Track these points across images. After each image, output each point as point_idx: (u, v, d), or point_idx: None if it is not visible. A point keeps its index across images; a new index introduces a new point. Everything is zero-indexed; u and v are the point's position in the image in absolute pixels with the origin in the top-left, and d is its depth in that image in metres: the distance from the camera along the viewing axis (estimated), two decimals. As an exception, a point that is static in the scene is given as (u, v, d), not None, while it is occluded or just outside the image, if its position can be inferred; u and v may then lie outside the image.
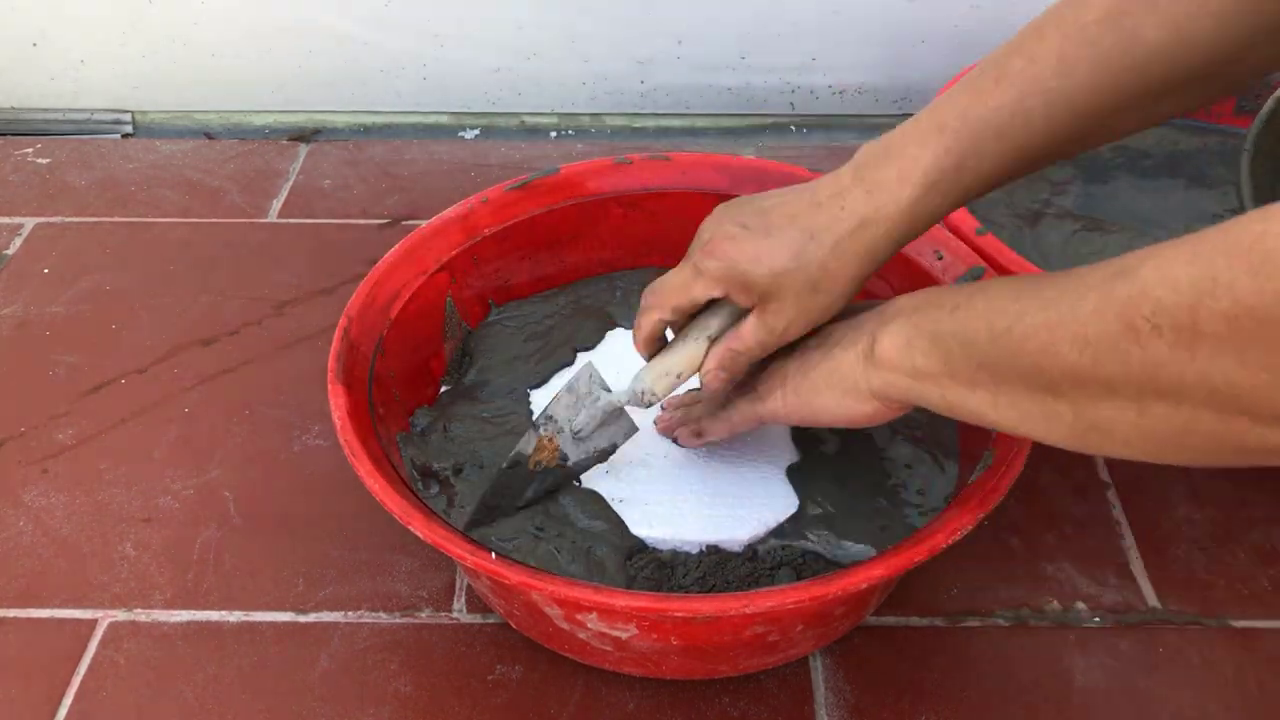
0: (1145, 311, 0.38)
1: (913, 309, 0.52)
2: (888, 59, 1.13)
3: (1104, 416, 0.42)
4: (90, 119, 1.16)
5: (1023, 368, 0.45)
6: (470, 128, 1.17)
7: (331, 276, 0.94)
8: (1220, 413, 0.38)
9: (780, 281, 0.56)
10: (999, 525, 0.73)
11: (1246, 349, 0.36)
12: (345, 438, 0.60)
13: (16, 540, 0.72)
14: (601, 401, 0.62)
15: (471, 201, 0.78)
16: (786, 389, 0.58)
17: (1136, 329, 0.39)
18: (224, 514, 0.74)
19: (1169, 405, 0.39)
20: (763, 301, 0.57)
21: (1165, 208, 0.93)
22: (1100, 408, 0.42)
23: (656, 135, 1.17)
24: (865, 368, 0.54)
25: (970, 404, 0.49)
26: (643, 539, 0.63)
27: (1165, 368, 0.38)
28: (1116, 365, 0.40)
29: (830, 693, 0.64)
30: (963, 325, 0.48)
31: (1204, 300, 0.36)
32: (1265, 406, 0.36)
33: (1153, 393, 0.39)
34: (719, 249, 0.57)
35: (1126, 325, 0.39)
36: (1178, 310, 0.37)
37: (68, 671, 0.65)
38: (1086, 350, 0.41)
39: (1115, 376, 0.40)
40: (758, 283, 0.56)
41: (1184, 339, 0.37)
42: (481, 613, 0.68)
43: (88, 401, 0.82)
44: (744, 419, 0.62)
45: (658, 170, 0.82)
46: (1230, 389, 0.37)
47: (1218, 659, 0.66)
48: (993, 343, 0.46)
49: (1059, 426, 0.45)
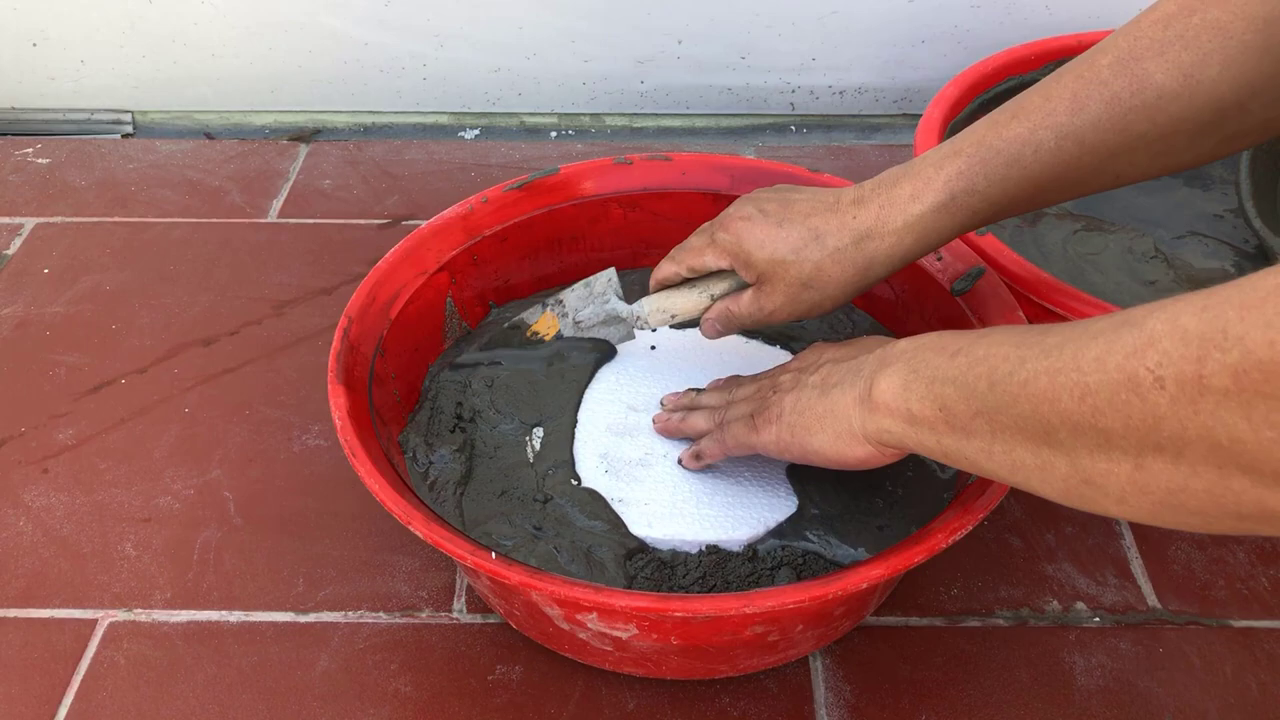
0: (1150, 362, 0.37)
1: (913, 353, 0.52)
2: (888, 59, 1.13)
3: (1099, 470, 0.41)
4: (90, 119, 1.16)
5: (1020, 415, 0.44)
6: (470, 128, 1.17)
7: (331, 276, 0.94)
8: (1220, 470, 0.37)
9: (775, 269, 0.62)
10: (999, 525, 0.73)
11: (1253, 404, 0.34)
12: (345, 438, 0.60)
13: (16, 540, 0.72)
14: (610, 304, 0.69)
15: (471, 201, 0.78)
16: (781, 425, 0.58)
17: (1138, 380, 0.38)
18: (224, 514, 0.74)
19: (1167, 461, 0.38)
20: (759, 282, 0.64)
21: (1165, 208, 0.93)
22: (1096, 460, 0.41)
23: (656, 135, 1.17)
24: (861, 411, 0.54)
25: (966, 452, 0.48)
26: (643, 539, 0.63)
27: (1166, 421, 0.37)
28: (1116, 416, 0.39)
29: (830, 693, 0.64)
30: (963, 371, 0.47)
31: (1212, 352, 0.35)
32: (1268, 465, 0.35)
33: (1152, 447, 0.38)
34: (733, 226, 0.64)
35: (1128, 376, 0.38)
36: (1184, 362, 0.36)
37: (68, 671, 0.65)
38: (1086, 400, 0.40)
39: (1114, 428, 0.39)
40: (757, 264, 0.63)
41: (1188, 392, 0.36)
42: (481, 613, 0.68)
43: (88, 401, 0.82)
44: (738, 445, 0.62)
45: (658, 170, 0.82)
46: (1233, 445, 0.36)
47: (1218, 659, 0.66)
48: (992, 389, 0.45)
49: (1053, 479, 0.44)
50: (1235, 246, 0.88)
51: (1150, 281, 0.84)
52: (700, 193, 0.81)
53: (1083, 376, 0.40)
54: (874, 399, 0.52)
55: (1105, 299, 0.71)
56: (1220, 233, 0.90)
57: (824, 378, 0.58)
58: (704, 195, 0.81)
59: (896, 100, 1.16)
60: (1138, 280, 0.84)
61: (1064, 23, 1.09)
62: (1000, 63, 0.93)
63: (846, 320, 0.80)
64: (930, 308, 0.75)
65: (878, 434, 0.53)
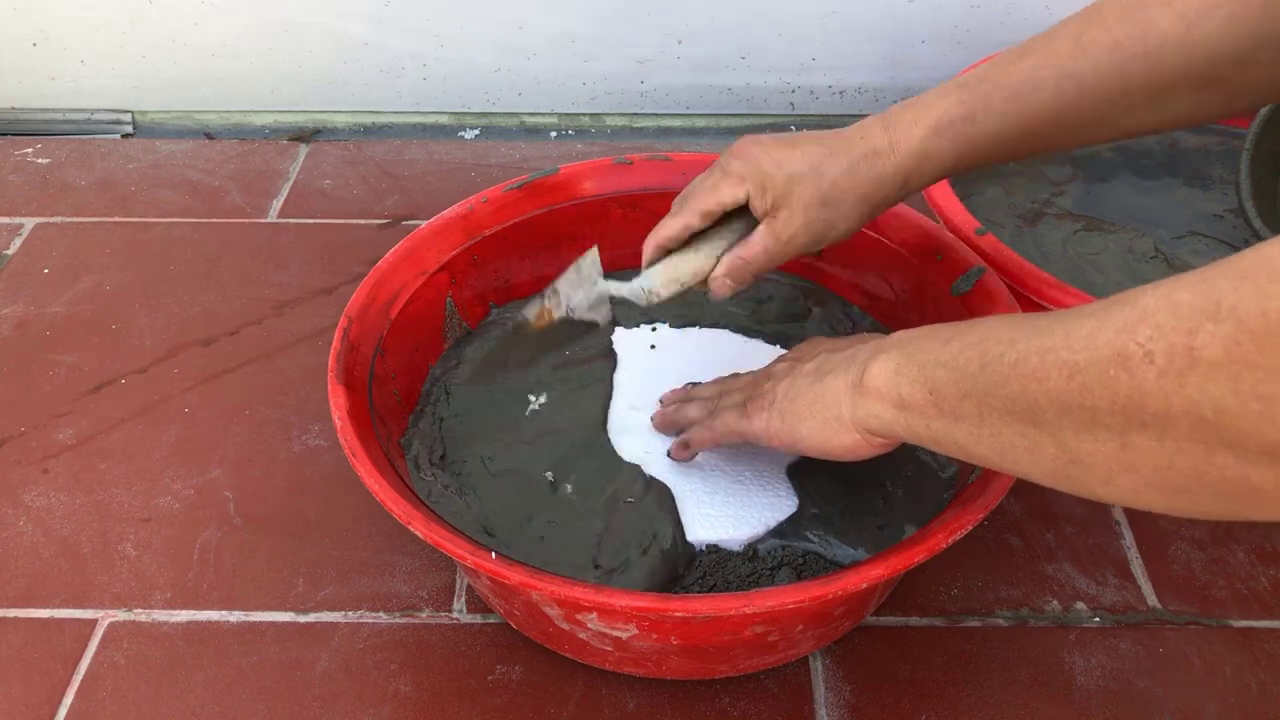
0: (1140, 337, 0.37)
1: (908, 340, 0.52)
2: (888, 59, 1.13)
3: (1085, 449, 0.41)
4: (90, 119, 1.16)
5: (1009, 396, 0.43)
6: (470, 128, 1.17)
7: (331, 276, 0.94)
8: (1205, 446, 0.36)
9: (793, 187, 0.61)
10: (999, 525, 0.73)
11: (1241, 374, 0.34)
12: (345, 438, 0.60)
13: (16, 540, 0.72)
14: (599, 286, 0.67)
15: (471, 201, 0.78)
16: (773, 412, 0.58)
17: (1128, 355, 0.38)
18: (224, 514, 0.74)
19: (1152, 437, 0.38)
20: (774, 209, 0.62)
21: (1165, 207, 0.93)
22: (1082, 440, 0.41)
23: (656, 135, 1.17)
24: (851, 397, 0.54)
25: (955, 435, 0.48)
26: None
27: (1151, 396, 0.37)
28: (1103, 393, 0.39)
29: (830, 693, 0.64)
30: (955, 355, 0.47)
31: (1204, 324, 0.35)
32: (1253, 439, 0.35)
33: (1137, 424, 0.38)
34: (746, 151, 0.63)
35: (1117, 351, 0.38)
36: (1175, 334, 0.36)
37: (68, 671, 0.65)
38: (1075, 378, 0.40)
39: (1101, 405, 0.39)
40: (776, 183, 0.62)
41: (1176, 365, 0.36)
42: (481, 613, 0.68)
43: (88, 401, 0.82)
44: (728, 432, 0.62)
45: (658, 170, 0.82)
46: (1219, 418, 0.36)
47: (1218, 659, 0.66)
48: (982, 371, 0.45)
49: (1041, 460, 0.43)
50: (1235, 246, 0.88)
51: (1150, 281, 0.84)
52: (700, 193, 0.81)
53: (1072, 354, 0.40)
54: (865, 384, 0.52)
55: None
56: (1220, 233, 0.90)
57: (818, 366, 0.57)
58: (704, 195, 0.81)
59: (896, 100, 1.15)
60: (1138, 280, 0.84)
61: (1064, 23, 1.09)
62: (1000, 63, 0.93)
63: (845, 319, 0.80)
64: (930, 308, 0.75)
65: (865, 420, 0.53)
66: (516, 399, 0.73)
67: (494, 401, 0.73)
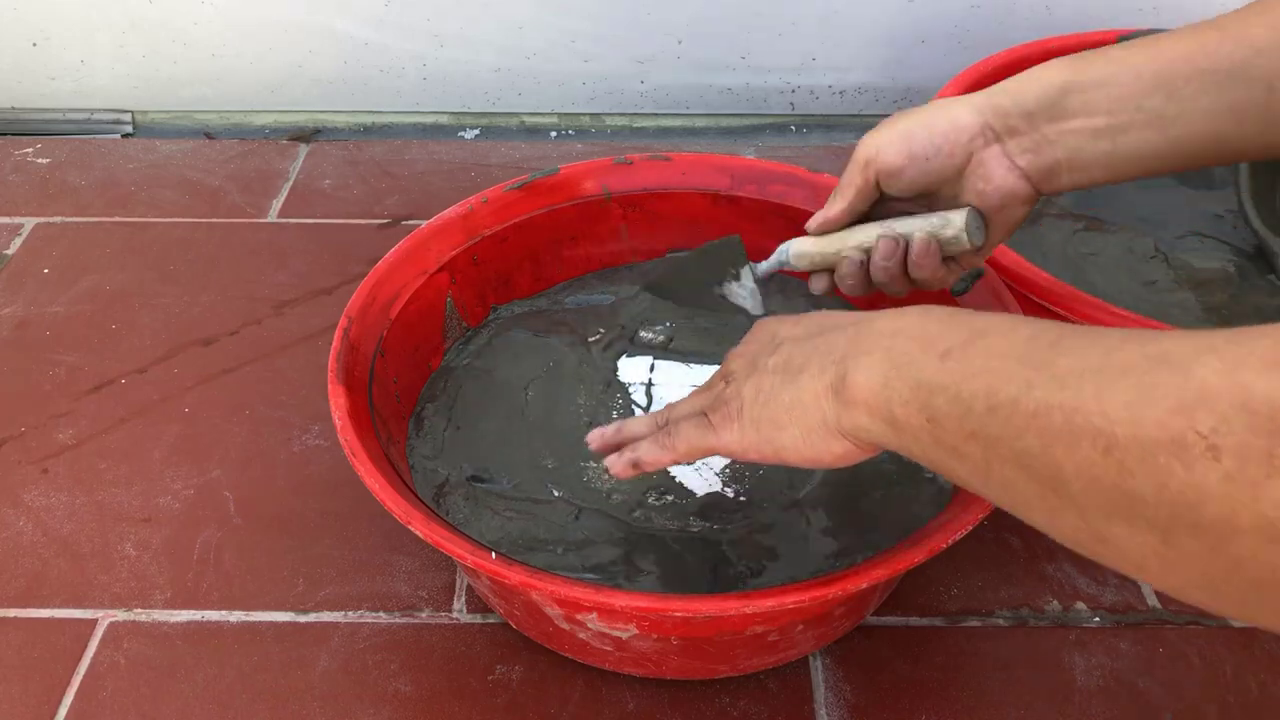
0: (1203, 426, 0.30)
1: (890, 340, 0.45)
2: (888, 59, 1.13)
3: (1119, 535, 0.34)
4: (90, 119, 1.16)
5: (1025, 451, 0.36)
6: (470, 128, 1.17)
7: (331, 276, 0.94)
8: (1276, 569, 0.30)
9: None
10: (999, 525, 0.73)
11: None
12: (345, 438, 0.60)
13: (16, 540, 0.72)
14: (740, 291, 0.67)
15: (471, 201, 0.78)
16: (745, 421, 0.51)
17: (1185, 445, 0.31)
18: (224, 514, 0.74)
19: (1206, 544, 0.31)
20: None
21: (1165, 207, 0.92)
22: (1115, 525, 0.34)
23: (656, 135, 1.17)
24: (835, 405, 0.47)
25: (958, 472, 0.41)
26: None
27: (1214, 501, 0.30)
28: (1148, 481, 0.32)
29: (830, 692, 0.64)
30: (954, 382, 0.40)
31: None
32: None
33: (1188, 525, 0.31)
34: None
35: (1172, 438, 0.31)
36: (1251, 433, 0.29)
37: (68, 671, 0.65)
38: (1113, 454, 0.33)
39: (1144, 494, 0.32)
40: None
41: (1250, 473, 0.29)
42: (481, 613, 0.68)
43: (88, 401, 0.82)
44: (690, 449, 0.54)
45: (658, 170, 0.82)
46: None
47: (1218, 659, 0.66)
48: (991, 413, 0.38)
49: (1062, 527, 0.37)
50: (1235, 246, 0.88)
51: (1150, 281, 0.84)
52: (700, 193, 0.81)
53: (1109, 425, 0.33)
54: (849, 392, 0.46)
55: (1105, 299, 0.71)
56: (1220, 233, 0.90)
57: (785, 360, 0.50)
58: (704, 195, 0.81)
59: (896, 100, 1.16)
60: (1138, 280, 0.84)
61: (1064, 23, 1.09)
62: (1000, 63, 0.93)
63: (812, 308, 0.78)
64: (930, 308, 0.75)
65: (854, 430, 0.46)
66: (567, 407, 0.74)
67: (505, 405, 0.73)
